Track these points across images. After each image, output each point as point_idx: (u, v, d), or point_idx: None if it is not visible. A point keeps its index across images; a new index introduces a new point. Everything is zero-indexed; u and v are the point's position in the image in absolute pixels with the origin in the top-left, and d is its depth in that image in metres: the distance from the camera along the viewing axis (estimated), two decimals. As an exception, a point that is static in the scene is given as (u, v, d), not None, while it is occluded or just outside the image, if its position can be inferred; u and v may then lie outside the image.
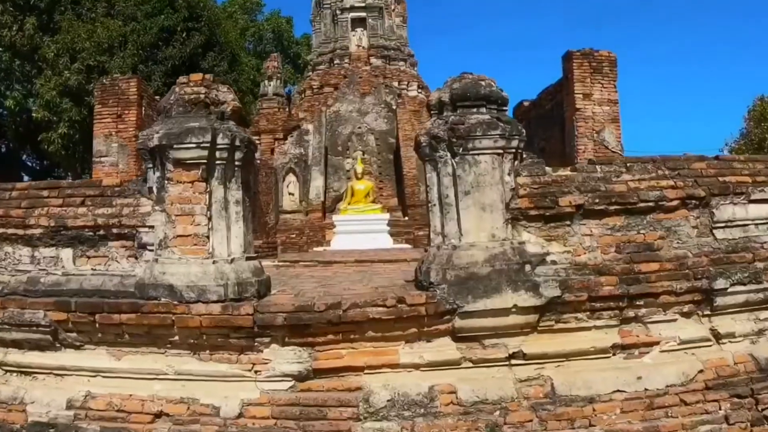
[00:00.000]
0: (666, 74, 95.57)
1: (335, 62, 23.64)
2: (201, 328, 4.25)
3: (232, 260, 4.39)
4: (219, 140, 4.34)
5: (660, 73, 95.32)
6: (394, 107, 22.14)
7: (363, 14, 23.74)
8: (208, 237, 4.35)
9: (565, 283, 4.43)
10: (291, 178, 21.95)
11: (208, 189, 4.37)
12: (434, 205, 4.55)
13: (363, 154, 20.99)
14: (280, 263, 8.55)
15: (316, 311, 4.14)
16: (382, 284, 5.24)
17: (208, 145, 4.28)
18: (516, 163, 4.59)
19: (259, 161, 20.29)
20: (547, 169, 4.76)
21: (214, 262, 4.31)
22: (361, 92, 22.50)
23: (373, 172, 21.21)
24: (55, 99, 16.09)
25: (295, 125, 22.07)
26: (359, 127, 22.06)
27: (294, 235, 16.39)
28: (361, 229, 15.79)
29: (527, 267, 4.40)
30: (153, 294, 4.29)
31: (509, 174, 4.51)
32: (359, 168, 18.50)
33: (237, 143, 4.42)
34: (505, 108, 4.70)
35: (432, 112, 4.67)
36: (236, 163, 4.48)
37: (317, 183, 20.89)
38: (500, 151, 4.46)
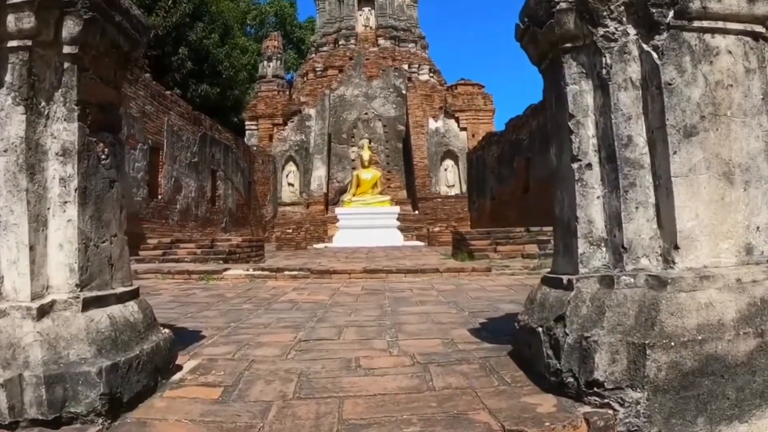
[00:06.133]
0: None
1: (340, 43, 21.02)
2: (-37, 488, 1.47)
3: (47, 309, 1.56)
4: (7, -21, 1.52)
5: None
6: (404, 92, 19.44)
7: (371, -8, 21.28)
8: (-22, 245, 1.54)
9: None
10: (291, 167, 19.33)
11: (-17, 115, 1.56)
12: (586, 164, 1.66)
13: (369, 142, 18.47)
14: (257, 272, 5.74)
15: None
16: (427, 345, 2.45)
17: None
18: (777, 67, 1.79)
19: (255, 147, 17.66)
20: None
21: (-12, 317, 1.50)
22: (367, 75, 19.83)
23: (381, 161, 18.73)
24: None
25: (296, 110, 19.41)
26: (365, 113, 19.52)
27: (290, 230, 13.56)
28: (368, 223, 13.04)
29: (829, 332, 1.61)
30: None
31: (776, 90, 1.70)
32: (366, 154, 15.65)
33: (64, -7, 1.58)
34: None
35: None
36: (67, 49, 1.62)
37: (319, 173, 18.29)
38: (761, 28, 1.64)
